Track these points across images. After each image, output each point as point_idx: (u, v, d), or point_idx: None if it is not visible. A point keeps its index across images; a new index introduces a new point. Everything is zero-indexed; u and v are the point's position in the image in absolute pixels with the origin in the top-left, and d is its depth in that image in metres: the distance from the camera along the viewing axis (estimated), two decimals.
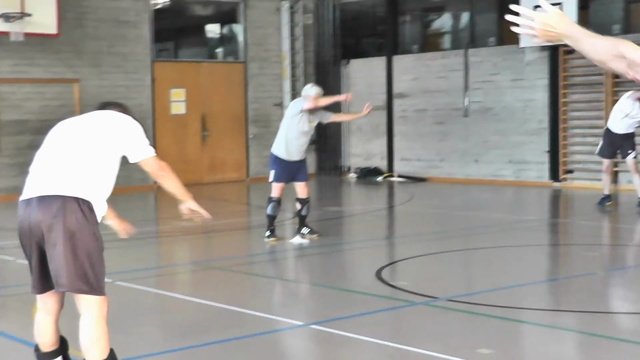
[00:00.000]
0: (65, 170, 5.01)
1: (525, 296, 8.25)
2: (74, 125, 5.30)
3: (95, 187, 5.06)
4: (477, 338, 6.57)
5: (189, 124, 20.68)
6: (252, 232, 13.13)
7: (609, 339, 6.60)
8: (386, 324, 7.26)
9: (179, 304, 8.37)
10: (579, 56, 17.65)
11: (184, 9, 21.98)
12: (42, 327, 5.23)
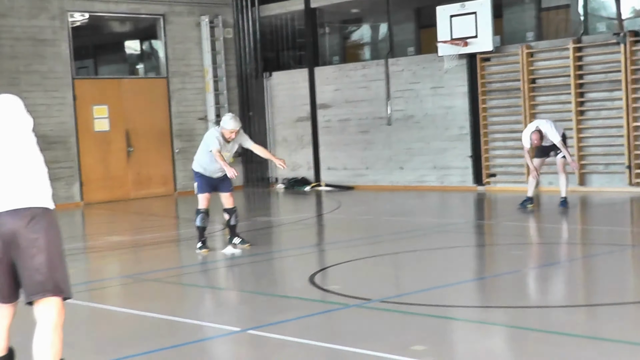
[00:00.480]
0: (20, 179, 5.03)
1: (455, 295, 8.42)
2: None
3: (45, 184, 5.13)
4: (411, 336, 6.70)
5: (113, 140, 20.54)
6: (182, 245, 13.09)
7: (536, 331, 6.78)
8: (321, 326, 7.34)
9: (112, 315, 8.35)
10: (496, 63, 18.13)
11: (102, 25, 21.88)
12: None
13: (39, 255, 4.98)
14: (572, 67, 16.81)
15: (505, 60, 18.13)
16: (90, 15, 20.65)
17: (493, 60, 18.31)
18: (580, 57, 16.93)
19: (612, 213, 14.44)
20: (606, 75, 16.66)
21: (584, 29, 17.39)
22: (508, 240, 12.08)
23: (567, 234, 12.83)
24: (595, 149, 17.11)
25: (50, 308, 5.01)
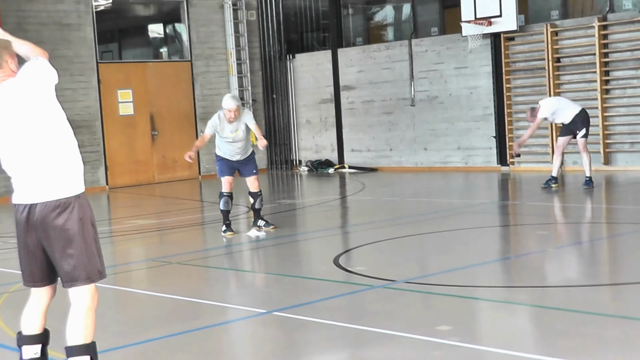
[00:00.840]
0: (47, 168, 5.03)
1: (479, 275, 8.44)
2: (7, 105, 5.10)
3: (74, 169, 5.13)
4: (435, 316, 6.74)
5: (137, 124, 20.66)
6: (207, 228, 13.15)
7: (561, 310, 6.79)
8: (347, 307, 7.37)
9: (137, 298, 8.44)
10: (521, 42, 18.03)
11: (126, 9, 21.92)
12: (30, 313, 5.31)
13: (68, 246, 5.03)
14: (598, 46, 16.71)
15: (530, 39, 18.03)
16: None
17: (517, 39, 18.23)
18: (606, 35, 16.83)
19: (637, 192, 14.38)
20: (632, 54, 16.56)
21: (610, 6, 17.25)
22: (532, 220, 12.07)
23: (591, 214, 12.79)
24: (620, 127, 17.00)
25: (83, 292, 5.09)
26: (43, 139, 5.04)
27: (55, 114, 5.11)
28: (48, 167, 5.03)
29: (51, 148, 5.05)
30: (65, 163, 5.09)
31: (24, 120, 5.02)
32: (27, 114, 5.02)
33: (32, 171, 5.03)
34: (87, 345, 5.05)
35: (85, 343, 5.04)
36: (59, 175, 5.06)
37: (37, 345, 5.31)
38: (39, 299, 5.32)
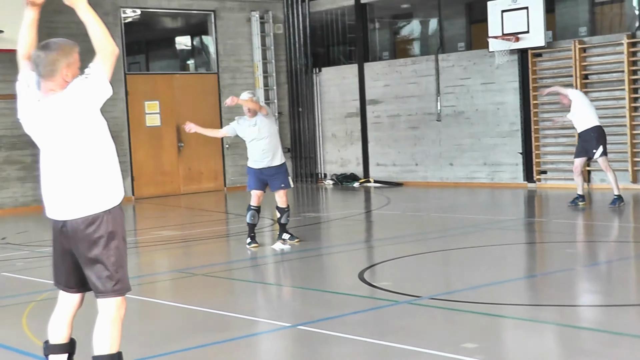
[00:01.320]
0: (81, 183, 5.06)
1: (505, 292, 8.37)
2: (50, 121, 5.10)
3: (110, 186, 5.14)
4: (461, 333, 6.68)
5: (164, 135, 20.74)
6: (232, 240, 13.15)
7: (588, 330, 6.74)
8: (372, 322, 7.33)
9: (162, 309, 8.43)
10: (548, 58, 17.97)
11: (154, 21, 22.05)
12: (57, 321, 5.35)
13: (96, 259, 5.08)
14: (626, 63, 16.62)
15: (558, 55, 17.96)
16: (143, 11, 20.85)
17: (545, 55, 18.17)
18: (635, 52, 16.73)
19: None
20: None
21: (639, 23, 17.17)
22: (559, 238, 11.98)
23: (619, 232, 12.68)
24: None
25: (110, 303, 5.13)
26: (79, 158, 5.06)
27: (96, 132, 5.12)
28: (80, 184, 5.06)
29: (86, 167, 5.07)
30: (100, 179, 5.10)
31: (62, 139, 5.06)
32: (65, 134, 5.05)
33: (64, 188, 5.07)
34: (112, 355, 5.09)
35: (111, 353, 5.09)
36: (91, 192, 5.07)
37: (63, 355, 5.35)
38: (66, 308, 5.35)
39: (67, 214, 5.07)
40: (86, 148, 5.06)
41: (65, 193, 5.07)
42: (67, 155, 5.05)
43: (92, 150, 5.07)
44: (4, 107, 18.15)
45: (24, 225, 15.56)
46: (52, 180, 5.11)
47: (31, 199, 18.44)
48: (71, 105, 5.01)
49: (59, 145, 5.04)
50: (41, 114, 5.06)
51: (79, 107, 5.02)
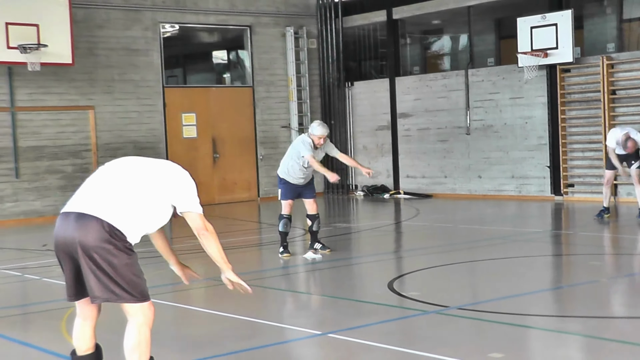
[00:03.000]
0: (107, 196, 5.11)
1: (532, 303, 8.32)
2: (131, 164, 5.38)
3: (131, 220, 5.13)
4: (488, 343, 6.65)
5: (200, 146, 20.84)
6: (264, 249, 13.18)
7: (614, 342, 6.67)
8: (400, 331, 7.32)
9: (196, 316, 8.46)
10: (576, 74, 17.85)
11: (191, 36, 22.17)
12: (79, 331, 5.34)
13: (91, 261, 5.01)
14: None
15: (586, 71, 17.85)
16: (181, 26, 20.98)
17: (573, 71, 18.06)
18: None
19: None
20: None
21: None
22: (585, 250, 11.88)
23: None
24: None
25: (137, 312, 5.12)
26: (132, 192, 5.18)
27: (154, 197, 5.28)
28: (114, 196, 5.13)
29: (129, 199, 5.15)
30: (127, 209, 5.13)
31: (138, 175, 5.28)
32: (144, 176, 5.29)
33: (99, 193, 5.12)
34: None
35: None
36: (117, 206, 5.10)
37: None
38: (85, 319, 5.34)
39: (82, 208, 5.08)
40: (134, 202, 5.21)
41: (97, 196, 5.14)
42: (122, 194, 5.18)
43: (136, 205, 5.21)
44: (46, 119, 18.33)
45: None
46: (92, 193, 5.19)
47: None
48: (162, 181, 5.37)
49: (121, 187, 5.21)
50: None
51: (166, 189, 5.38)
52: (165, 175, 5.36)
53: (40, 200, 18.61)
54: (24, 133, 18.25)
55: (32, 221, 18.30)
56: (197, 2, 20.88)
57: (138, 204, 5.17)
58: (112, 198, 5.11)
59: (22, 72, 17.99)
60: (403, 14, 21.46)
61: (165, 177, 5.35)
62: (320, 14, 22.71)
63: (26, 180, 18.44)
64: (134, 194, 5.16)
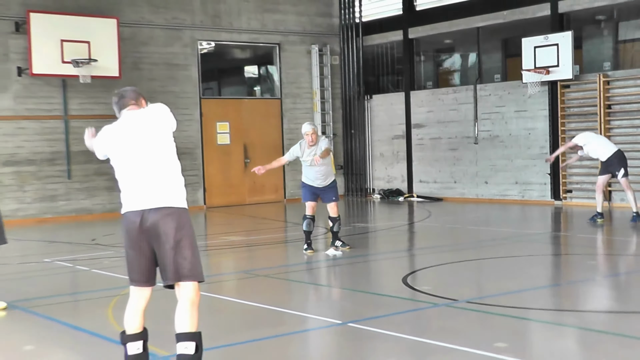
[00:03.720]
0: (162, 181, 5.28)
1: (533, 298, 8.29)
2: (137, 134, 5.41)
3: (181, 188, 5.34)
4: (493, 334, 6.63)
5: (232, 152, 20.91)
6: (290, 246, 13.19)
7: (608, 334, 6.65)
8: (413, 322, 7.31)
9: (228, 305, 8.46)
10: (575, 90, 17.77)
11: (226, 52, 22.22)
12: (132, 313, 5.43)
13: (177, 247, 5.19)
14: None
15: (584, 87, 17.77)
16: (216, 43, 21.06)
17: (572, 87, 17.98)
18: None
19: None
20: None
21: None
22: (582, 250, 11.82)
23: (636, 247, 12.46)
24: None
25: (190, 289, 5.24)
26: (159, 158, 5.32)
27: (169, 145, 5.41)
28: (161, 180, 5.29)
29: (164, 167, 5.32)
30: (177, 181, 5.35)
31: (148, 140, 5.34)
32: (152, 139, 5.34)
33: (148, 181, 5.28)
34: (193, 333, 5.20)
35: (192, 331, 5.20)
36: (169, 189, 5.30)
37: (139, 342, 5.43)
38: (138, 301, 5.44)
39: (151, 203, 5.21)
40: (167, 153, 5.40)
41: (150, 186, 5.26)
42: (154, 157, 5.34)
43: (171, 156, 5.40)
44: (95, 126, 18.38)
45: (111, 228, 15.77)
46: (138, 176, 5.32)
47: (117, 206, 18.69)
48: (157, 117, 5.47)
49: (147, 149, 5.35)
50: (129, 124, 5.44)
51: (162, 120, 5.48)
52: (157, 121, 5.45)
53: (89, 199, 18.74)
54: (76, 139, 18.38)
55: (82, 218, 18.44)
56: (231, 22, 20.97)
57: (174, 170, 5.38)
58: (166, 184, 5.27)
59: (74, 84, 18.14)
60: (418, 33, 21.44)
61: (158, 123, 5.44)
62: (343, 33, 22.72)
63: (77, 181, 18.58)
64: (168, 164, 5.35)
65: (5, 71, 17.73)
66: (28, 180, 18.09)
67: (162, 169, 5.29)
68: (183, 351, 5.16)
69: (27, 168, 18.07)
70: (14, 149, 17.92)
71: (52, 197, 18.36)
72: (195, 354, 5.16)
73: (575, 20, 18.26)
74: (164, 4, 19.75)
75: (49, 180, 18.33)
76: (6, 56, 17.73)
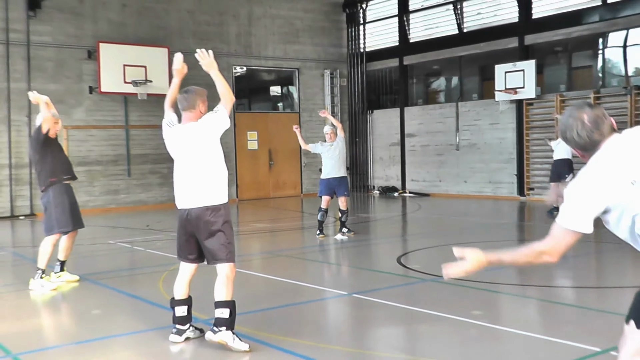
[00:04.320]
0: (200, 186, 5.28)
1: (503, 275, 8.24)
2: (186, 140, 5.37)
3: (219, 186, 5.33)
4: (471, 304, 6.64)
5: (260, 156, 20.91)
6: (305, 232, 13.19)
7: (562, 304, 6.64)
8: (405, 294, 7.31)
9: (255, 279, 8.46)
10: (537, 107, 17.70)
11: (255, 75, 22.22)
12: (180, 283, 5.52)
13: (216, 237, 5.25)
14: None
15: (544, 105, 17.69)
16: (247, 68, 21.07)
17: (535, 105, 17.91)
18: (599, 103, 16.37)
19: None
20: (617, 119, 16.05)
21: (602, 83, 16.84)
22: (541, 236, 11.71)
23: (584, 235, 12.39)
24: None
25: (225, 268, 5.30)
26: (204, 166, 5.31)
27: (215, 151, 5.36)
28: (205, 183, 5.31)
29: (208, 172, 5.32)
30: (216, 182, 5.33)
31: (194, 153, 5.33)
32: (196, 149, 5.33)
33: (195, 185, 5.31)
34: (228, 301, 5.27)
35: (227, 300, 5.26)
36: (208, 190, 5.31)
37: (184, 307, 5.49)
38: (185, 274, 5.51)
39: (193, 203, 5.27)
40: (209, 160, 5.31)
41: (193, 190, 5.29)
42: (198, 164, 5.31)
43: (213, 162, 5.30)
44: (151, 134, 18.51)
45: (161, 217, 15.84)
46: (185, 182, 5.34)
47: (166, 199, 18.76)
48: (202, 131, 5.31)
49: (192, 157, 5.27)
50: (181, 136, 5.28)
51: (207, 133, 5.30)
52: (203, 131, 5.32)
53: (144, 193, 18.80)
54: (134, 144, 18.45)
55: (138, 208, 18.50)
56: (260, 51, 20.98)
57: (217, 171, 5.32)
58: (205, 186, 5.27)
59: (133, 100, 18.19)
60: (411, 60, 21.40)
61: (204, 132, 5.31)
62: (350, 60, 22.70)
63: (135, 178, 18.64)
64: (211, 167, 5.30)
65: (79, 90, 17.81)
66: (96, 178, 18.17)
67: (203, 174, 5.28)
68: (220, 315, 5.21)
69: (95, 167, 18.15)
70: (86, 152, 18.00)
71: (115, 191, 18.42)
72: (229, 318, 5.21)
73: (538, 50, 18.19)
74: (206, 37, 19.77)
75: (113, 177, 18.40)
76: (80, 78, 17.81)
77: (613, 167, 2.81)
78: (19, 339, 5.79)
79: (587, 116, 2.95)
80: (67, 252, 8.22)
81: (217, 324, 5.22)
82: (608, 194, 2.76)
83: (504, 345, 5.36)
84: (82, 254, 10.44)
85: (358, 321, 6.25)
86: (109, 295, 7.53)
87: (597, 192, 2.79)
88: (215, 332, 5.21)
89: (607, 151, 2.89)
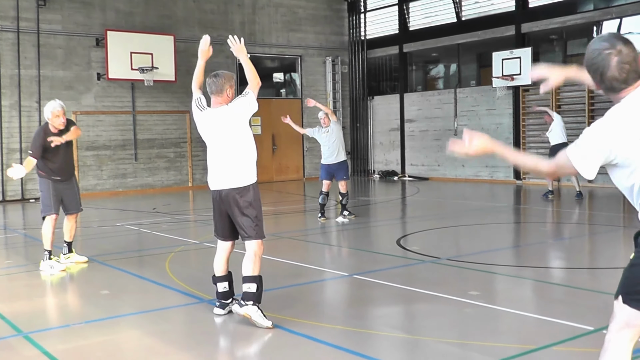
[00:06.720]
0: (230, 168, 5.37)
1: (498, 256, 8.27)
2: (219, 124, 5.42)
3: (248, 168, 5.41)
4: (468, 284, 6.63)
5: (264, 141, 20.87)
6: (307, 214, 13.19)
7: (555, 284, 6.64)
8: (404, 274, 7.30)
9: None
10: (533, 93, 17.62)
11: (259, 62, 22.15)
12: (219, 260, 5.65)
13: (245, 215, 5.38)
14: (587, 97, 16.29)
15: (539, 91, 17.58)
16: (251, 55, 20.88)
17: (531, 91, 17.84)
18: (591, 90, 16.28)
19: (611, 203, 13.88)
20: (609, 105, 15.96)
21: None
22: (537, 219, 11.78)
23: (578, 217, 12.39)
24: None
25: (253, 244, 5.42)
26: (233, 149, 5.39)
27: (245, 133, 5.44)
28: (235, 166, 5.40)
29: (238, 154, 5.40)
30: (245, 164, 5.41)
31: (225, 136, 5.41)
32: (227, 132, 5.40)
33: (225, 167, 5.43)
34: (255, 276, 5.39)
35: (254, 274, 5.38)
36: (237, 171, 5.39)
37: (225, 282, 5.66)
38: (222, 251, 5.67)
39: (225, 184, 5.39)
40: (239, 143, 5.40)
41: (224, 172, 5.40)
42: (228, 147, 5.40)
43: (242, 144, 5.41)
44: (157, 119, 18.47)
45: (168, 200, 15.83)
46: (217, 164, 5.44)
47: (173, 182, 18.77)
48: (234, 115, 5.41)
49: (223, 140, 5.41)
50: (212, 120, 5.44)
51: (238, 116, 5.41)
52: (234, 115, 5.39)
53: (151, 177, 18.79)
54: (141, 129, 18.42)
55: (145, 191, 18.51)
56: (263, 39, 20.89)
57: (248, 154, 5.40)
58: (235, 168, 5.36)
59: (140, 87, 18.14)
60: (411, 48, 21.29)
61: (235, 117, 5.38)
62: (351, 48, 22.60)
63: (142, 162, 18.63)
64: (242, 150, 5.37)
65: (88, 77, 17.77)
66: (105, 162, 18.15)
67: (234, 156, 5.36)
68: (247, 290, 5.34)
69: (104, 152, 18.13)
70: (94, 137, 17.98)
71: (123, 175, 18.42)
72: (256, 292, 5.33)
73: (534, 38, 18.08)
74: (211, 25, 19.68)
75: (121, 161, 18.39)
76: (89, 65, 17.76)
77: (628, 122, 2.75)
78: (29, 318, 5.80)
79: (622, 57, 2.83)
80: (71, 233, 8.28)
81: (244, 298, 5.32)
82: (617, 148, 2.72)
83: (500, 324, 5.35)
84: (90, 236, 10.44)
85: (358, 301, 6.24)
86: (116, 276, 7.53)
87: (606, 144, 2.75)
88: (242, 306, 5.25)
89: (628, 105, 2.80)
